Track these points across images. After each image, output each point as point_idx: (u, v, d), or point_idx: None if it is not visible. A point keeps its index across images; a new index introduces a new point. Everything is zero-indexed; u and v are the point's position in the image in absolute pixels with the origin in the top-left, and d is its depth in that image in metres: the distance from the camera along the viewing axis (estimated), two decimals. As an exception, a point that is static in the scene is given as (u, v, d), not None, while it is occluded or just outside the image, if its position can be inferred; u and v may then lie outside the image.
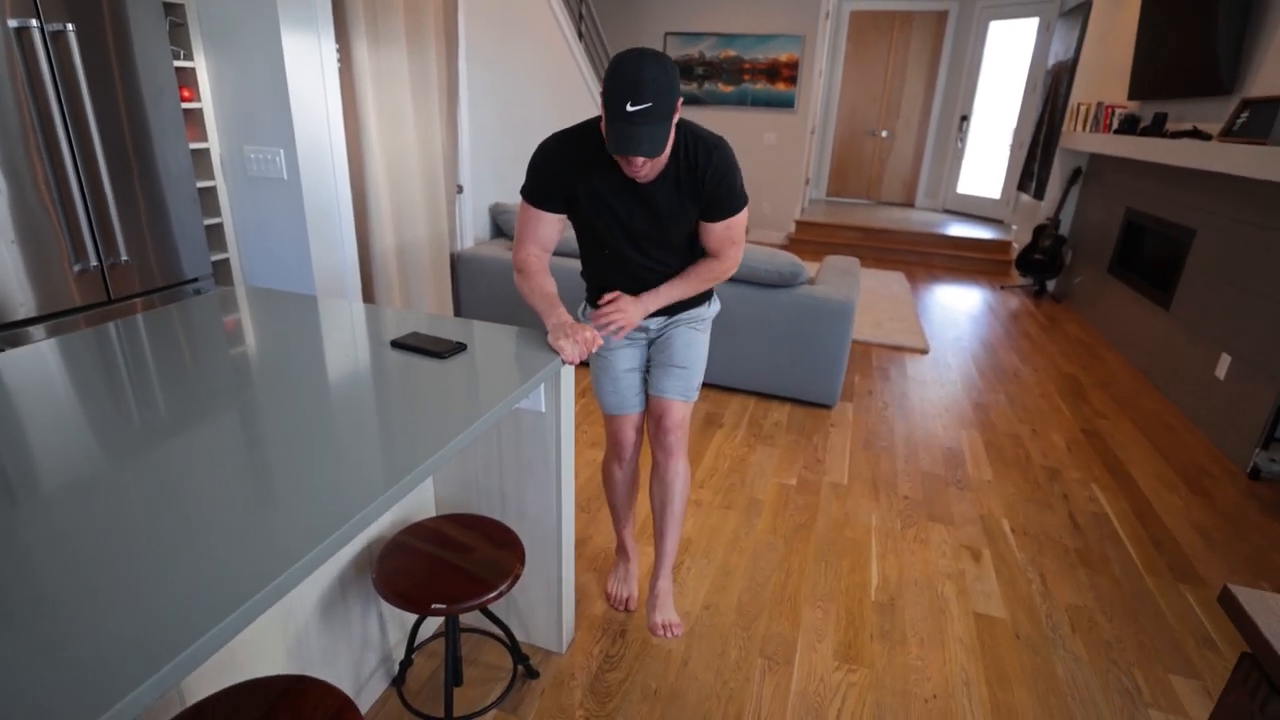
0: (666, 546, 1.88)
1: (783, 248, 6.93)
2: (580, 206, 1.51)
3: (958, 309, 5.08)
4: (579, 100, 4.87)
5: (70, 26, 2.05)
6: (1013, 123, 6.82)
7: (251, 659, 1.24)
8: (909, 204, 8.04)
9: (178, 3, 2.46)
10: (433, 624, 1.83)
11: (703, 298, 1.73)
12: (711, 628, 1.91)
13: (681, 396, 1.73)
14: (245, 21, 2.45)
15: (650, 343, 1.76)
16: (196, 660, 0.67)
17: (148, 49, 2.30)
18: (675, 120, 1.33)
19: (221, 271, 2.85)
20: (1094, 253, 4.91)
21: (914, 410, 3.33)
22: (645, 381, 1.78)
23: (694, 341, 1.73)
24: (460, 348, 1.43)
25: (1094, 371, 3.94)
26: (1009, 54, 6.81)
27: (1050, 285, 5.58)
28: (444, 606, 1.29)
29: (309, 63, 2.55)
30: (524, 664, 1.70)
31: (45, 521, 0.84)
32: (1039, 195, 5.74)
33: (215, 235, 2.80)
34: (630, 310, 1.58)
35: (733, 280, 3.24)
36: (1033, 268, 5.44)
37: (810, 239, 6.91)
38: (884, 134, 7.83)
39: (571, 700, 1.66)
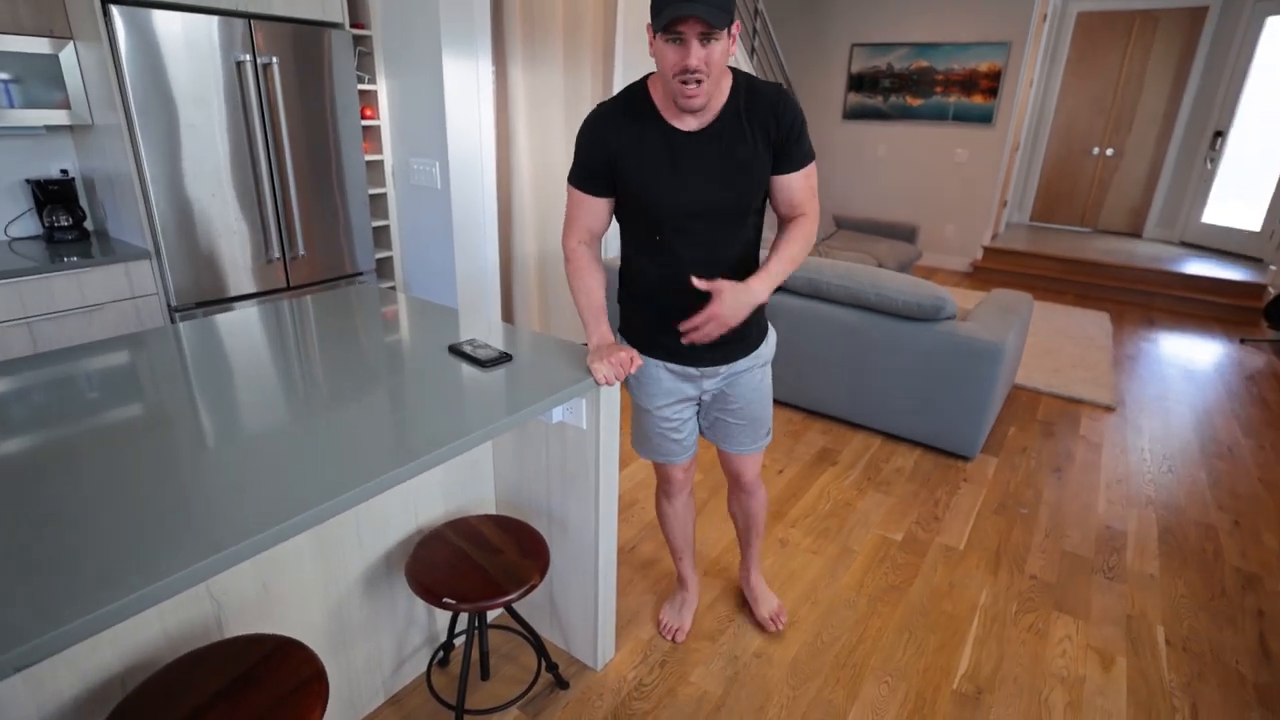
0: (754, 551, 1.93)
1: (965, 276, 6.28)
2: (626, 176, 1.34)
3: (1173, 362, 4.24)
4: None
5: (275, 59, 2.46)
6: (1288, 140, 5.53)
7: (292, 613, 1.40)
8: (1135, 234, 6.87)
9: (366, 34, 2.84)
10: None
11: (760, 333, 1.57)
12: (758, 678, 1.79)
13: (760, 449, 1.69)
14: (414, 46, 2.77)
15: (703, 400, 1.61)
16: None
17: (337, 75, 2.69)
18: (734, 29, 1.18)
19: (385, 268, 3.24)
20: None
21: (1075, 476, 2.84)
22: (699, 427, 1.70)
23: (764, 385, 1.61)
24: (506, 358, 1.50)
25: (1355, 460, 3.07)
26: (1291, 57, 5.54)
27: (1317, 344, 4.45)
28: (454, 603, 1.35)
29: (466, 83, 2.81)
30: (553, 672, 1.72)
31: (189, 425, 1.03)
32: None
33: (383, 236, 3.20)
34: (731, 300, 1.29)
35: (865, 308, 3.01)
36: (1291, 320, 4.38)
37: (999, 268, 6.18)
38: (1109, 152, 6.77)
39: (593, 718, 1.65)
